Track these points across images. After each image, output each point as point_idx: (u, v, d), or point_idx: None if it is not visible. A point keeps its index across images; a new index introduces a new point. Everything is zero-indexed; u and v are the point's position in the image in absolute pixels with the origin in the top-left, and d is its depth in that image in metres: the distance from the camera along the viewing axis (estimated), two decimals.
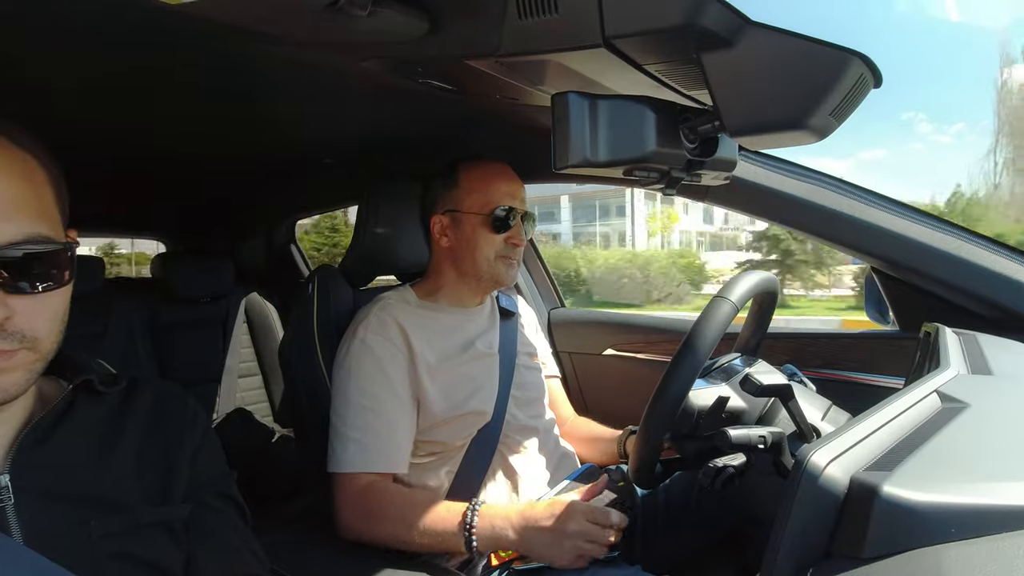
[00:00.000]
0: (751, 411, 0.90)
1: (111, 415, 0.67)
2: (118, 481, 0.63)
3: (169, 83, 1.08)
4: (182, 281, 2.12)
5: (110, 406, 0.67)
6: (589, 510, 0.97)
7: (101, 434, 0.65)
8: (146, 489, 0.65)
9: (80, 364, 0.66)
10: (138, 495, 0.64)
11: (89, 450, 0.63)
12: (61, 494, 0.59)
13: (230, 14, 0.73)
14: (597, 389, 1.74)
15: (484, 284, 1.22)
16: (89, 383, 0.65)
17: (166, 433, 0.70)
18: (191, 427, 0.72)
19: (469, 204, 1.18)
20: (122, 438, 0.66)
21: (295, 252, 2.47)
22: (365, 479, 1.05)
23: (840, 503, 0.42)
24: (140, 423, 0.68)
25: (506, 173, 1.21)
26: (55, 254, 0.56)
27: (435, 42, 0.79)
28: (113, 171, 1.68)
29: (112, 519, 0.61)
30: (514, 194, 1.19)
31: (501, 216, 1.17)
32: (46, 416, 0.60)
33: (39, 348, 0.56)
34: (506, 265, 1.19)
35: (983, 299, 1.10)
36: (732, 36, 0.63)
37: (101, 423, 0.66)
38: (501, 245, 1.18)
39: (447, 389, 1.13)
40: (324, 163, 1.75)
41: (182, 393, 0.75)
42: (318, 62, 0.94)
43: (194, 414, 0.73)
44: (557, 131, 0.69)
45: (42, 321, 0.56)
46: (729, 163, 0.86)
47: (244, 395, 2.31)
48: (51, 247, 0.56)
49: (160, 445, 0.68)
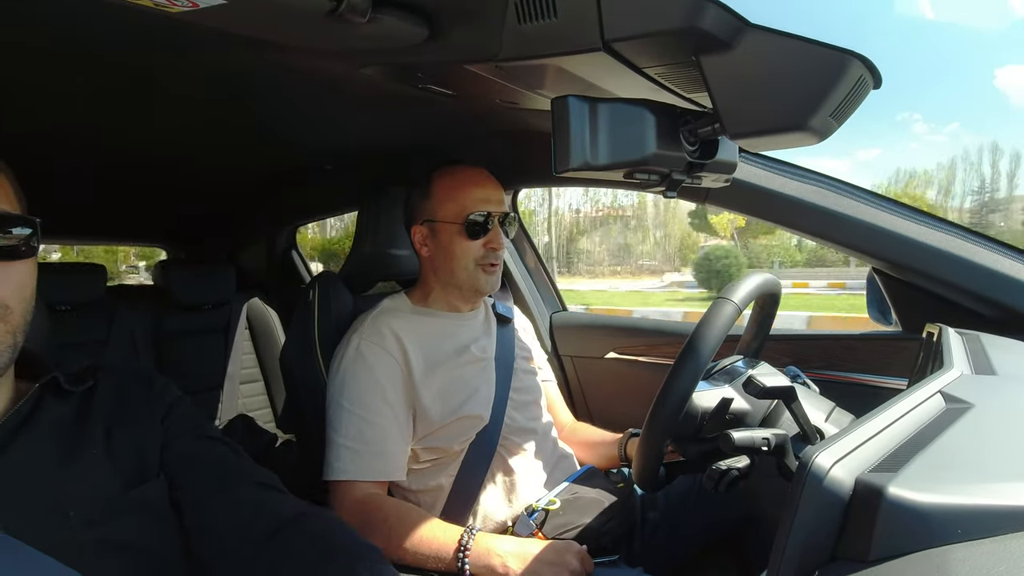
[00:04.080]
0: (754, 413, 0.90)
1: (77, 412, 0.70)
2: (90, 472, 0.66)
3: (169, 91, 1.08)
4: (184, 288, 2.12)
5: (76, 404, 0.70)
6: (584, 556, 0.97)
7: (68, 432, 0.68)
8: (120, 476, 0.68)
9: (47, 363, 0.70)
10: (113, 482, 0.67)
11: (58, 448, 0.66)
12: (34, 492, 0.62)
13: (230, 22, 0.73)
14: (599, 392, 1.74)
15: (466, 293, 1.21)
16: (55, 381, 0.68)
17: (134, 417, 0.73)
18: (159, 401, 0.76)
19: (443, 213, 1.17)
20: (90, 433, 0.69)
21: (296, 258, 2.47)
22: (361, 489, 1.05)
23: (845, 505, 0.42)
24: (106, 415, 0.71)
25: (478, 178, 1.19)
26: (14, 220, 0.63)
27: (435, 48, 0.79)
28: (113, 179, 1.68)
29: (89, 507, 0.64)
30: (488, 198, 1.17)
31: (477, 221, 1.15)
32: (11, 418, 0.63)
33: (9, 319, 0.61)
34: (486, 272, 1.18)
35: (986, 299, 1.10)
36: (731, 38, 0.64)
37: (68, 418, 0.69)
38: (480, 251, 1.17)
39: (442, 394, 1.13)
40: (324, 169, 1.75)
41: (147, 374, 0.79)
42: (318, 68, 0.94)
43: (161, 390, 0.77)
44: (557, 134, 0.69)
45: (9, 288, 0.61)
46: (729, 165, 0.86)
47: (246, 401, 2.31)
48: (15, 215, 0.63)
49: (128, 430, 0.71)
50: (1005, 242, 1.13)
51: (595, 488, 1.14)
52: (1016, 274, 1.08)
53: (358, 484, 1.05)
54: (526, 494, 1.14)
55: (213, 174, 1.81)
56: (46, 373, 0.68)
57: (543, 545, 0.97)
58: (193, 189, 1.98)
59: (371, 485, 1.06)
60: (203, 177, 1.83)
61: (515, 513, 1.12)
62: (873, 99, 0.71)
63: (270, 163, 1.74)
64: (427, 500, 1.14)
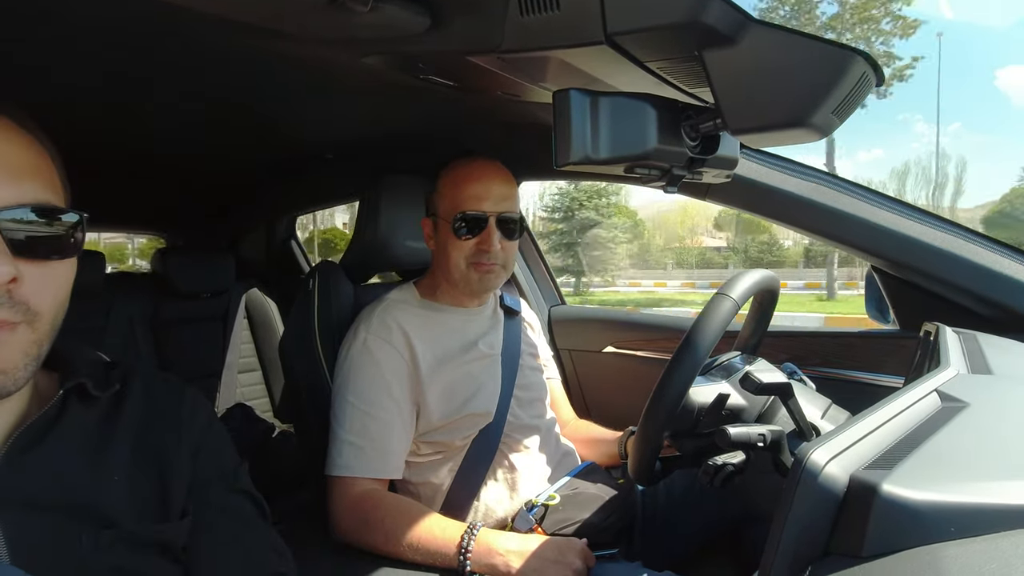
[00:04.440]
0: (751, 409, 0.90)
1: (103, 422, 0.64)
2: (109, 492, 0.60)
3: (170, 79, 1.08)
4: (183, 276, 2.12)
5: (101, 411, 0.65)
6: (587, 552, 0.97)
7: (92, 442, 0.62)
8: (140, 502, 0.62)
9: (74, 364, 0.64)
10: (131, 508, 0.61)
11: (80, 459, 0.61)
12: (49, 502, 0.57)
13: (231, 9, 0.72)
14: (597, 386, 1.74)
15: (461, 291, 1.19)
16: (82, 387, 0.63)
17: (161, 436, 0.67)
18: (189, 425, 0.69)
19: (443, 209, 1.16)
20: (114, 446, 0.63)
21: (295, 247, 2.47)
22: (361, 485, 1.04)
23: (839, 501, 0.42)
24: (132, 429, 0.65)
25: (479, 174, 1.15)
26: (63, 222, 0.57)
27: (436, 38, 0.79)
28: (113, 166, 1.67)
29: (103, 532, 0.58)
30: (484, 196, 1.12)
31: (468, 220, 1.12)
32: (37, 421, 0.59)
33: (38, 327, 0.55)
34: (479, 272, 1.14)
35: (983, 298, 1.10)
36: (734, 34, 0.63)
37: (93, 430, 0.63)
38: (471, 250, 1.13)
39: (448, 390, 1.12)
40: (325, 159, 1.75)
41: (179, 388, 0.72)
42: (320, 57, 0.93)
43: (192, 411, 0.71)
44: (558, 128, 0.69)
45: (47, 293, 0.56)
46: (731, 161, 0.85)
47: (244, 390, 2.32)
48: (60, 214, 0.57)
49: (153, 451, 0.65)
50: (1004, 242, 1.13)
51: (595, 483, 1.15)
52: (1014, 274, 1.08)
53: (358, 480, 1.05)
54: (528, 490, 1.14)
55: (213, 163, 1.80)
56: (68, 370, 0.63)
57: (545, 542, 0.97)
58: (193, 178, 1.97)
59: (372, 482, 1.05)
60: (203, 166, 1.83)
61: (516, 509, 1.12)
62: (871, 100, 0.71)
63: (270, 152, 1.73)
64: (428, 493, 1.13)
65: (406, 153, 1.57)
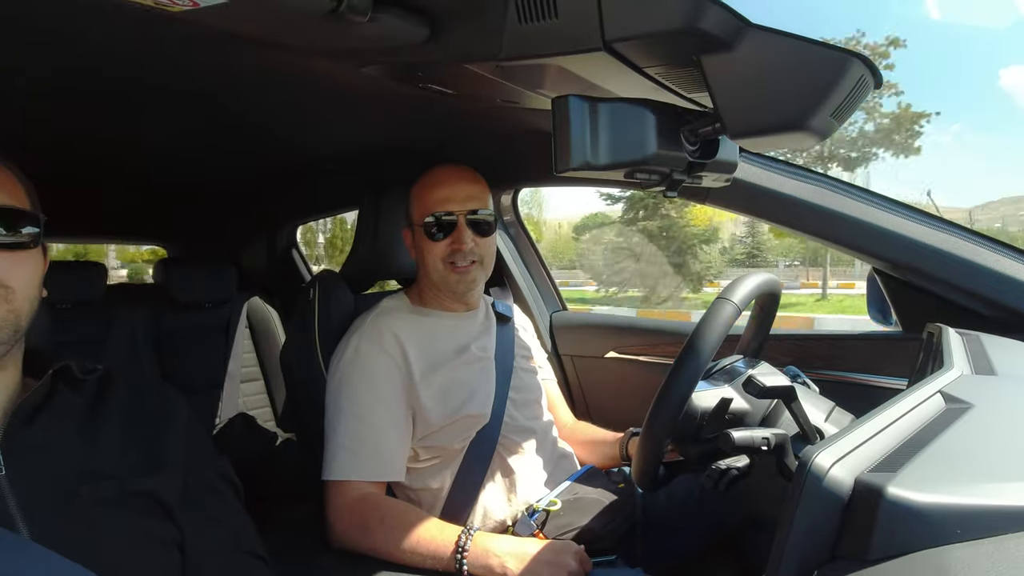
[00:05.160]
0: (754, 413, 0.90)
1: (90, 403, 0.71)
2: (104, 455, 0.68)
3: (170, 90, 1.08)
4: (184, 287, 2.12)
5: (88, 395, 0.72)
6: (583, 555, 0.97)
7: (83, 417, 0.70)
8: (132, 463, 0.69)
9: (57, 356, 0.71)
10: (124, 467, 0.68)
11: (73, 431, 0.68)
12: (50, 470, 0.64)
13: (231, 21, 0.73)
14: (599, 392, 1.74)
15: (445, 295, 1.21)
16: (68, 369, 0.69)
17: (147, 419, 0.74)
18: (173, 416, 0.77)
19: (416, 215, 1.20)
20: (104, 420, 0.70)
21: (296, 257, 2.47)
22: (358, 489, 1.05)
23: (845, 505, 0.42)
24: (119, 412, 0.72)
25: (444, 178, 1.18)
26: (23, 215, 0.66)
27: (435, 47, 0.79)
28: (114, 178, 1.68)
29: (101, 485, 0.65)
30: (451, 197, 1.16)
31: (437, 222, 1.16)
32: (28, 400, 0.65)
33: (13, 300, 0.63)
34: (457, 273, 1.17)
35: (986, 299, 1.10)
36: (732, 39, 0.64)
37: (82, 408, 0.70)
38: (445, 251, 1.16)
39: (442, 394, 1.13)
40: (325, 168, 1.75)
41: (159, 386, 0.80)
42: (319, 68, 0.94)
43: (174, 406, 0.78)
44: (558, 134, 0.69)
45: (15, 273, 0.64)
46: (730, 165, 0.86)
47: (247, 400, 2.31)
48: (21, 210, 0.66)
49: (140, 432, 0.72)
50: (1006, 242, 1.13)
51: (596, 488, 1.14)
52: (1017, 274, 1.08)
53: (355, 484, 1.05)
54: (526, 493, 1.15)
55: (214, 173, 1.81)
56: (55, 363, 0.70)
57: (541, 545, 0.97)
58: (194, 188, 1.98)
59: (368, 485, 1.06)
60: (204, 176, 1.83)
61: (515, 512, 1.12)
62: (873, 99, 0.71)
63: (270, 162, 1.74)
64: (427, 499, 1.14)
65: (405, 162, 1.57)
